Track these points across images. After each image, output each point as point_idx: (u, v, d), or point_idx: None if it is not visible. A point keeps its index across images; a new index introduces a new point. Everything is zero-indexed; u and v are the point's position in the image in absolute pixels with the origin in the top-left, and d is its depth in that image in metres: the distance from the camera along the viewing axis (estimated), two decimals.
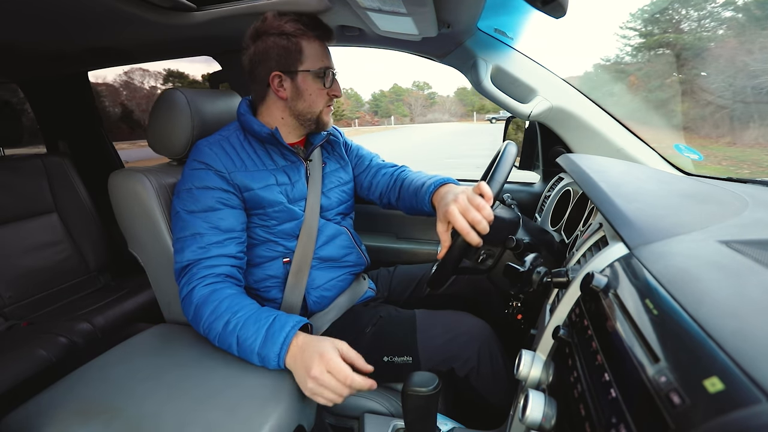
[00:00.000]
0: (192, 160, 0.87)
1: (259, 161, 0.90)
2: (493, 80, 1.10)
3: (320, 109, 0.91)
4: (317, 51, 0.88)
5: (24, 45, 1.26)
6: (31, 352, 1.14)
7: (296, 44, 0.85)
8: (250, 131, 0.90)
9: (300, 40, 0.86)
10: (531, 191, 1.50)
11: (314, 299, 0.94)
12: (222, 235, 0.83)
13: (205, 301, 0.76)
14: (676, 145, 1.08)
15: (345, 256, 1.01)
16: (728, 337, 0.27)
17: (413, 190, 0.98)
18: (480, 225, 0.71)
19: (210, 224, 0.82)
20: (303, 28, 0.85)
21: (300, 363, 0.69)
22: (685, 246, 0.44)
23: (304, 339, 0.71)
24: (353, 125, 44.00)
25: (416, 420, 0.59)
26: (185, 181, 0.85)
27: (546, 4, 0.68)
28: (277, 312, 0.76)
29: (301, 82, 0.88)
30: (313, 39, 0.87)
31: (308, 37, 0.86)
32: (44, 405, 0.67)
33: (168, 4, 0.96)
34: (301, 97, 0.89)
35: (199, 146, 0.88)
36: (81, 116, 1.93)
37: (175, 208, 0.85)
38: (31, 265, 1.48)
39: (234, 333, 0.73)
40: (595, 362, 0.40)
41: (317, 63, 0.88)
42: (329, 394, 0.67)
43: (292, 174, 0.94)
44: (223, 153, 0.87)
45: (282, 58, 0.86)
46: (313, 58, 0.87)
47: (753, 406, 0.22)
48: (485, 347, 0.87)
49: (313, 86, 0.89)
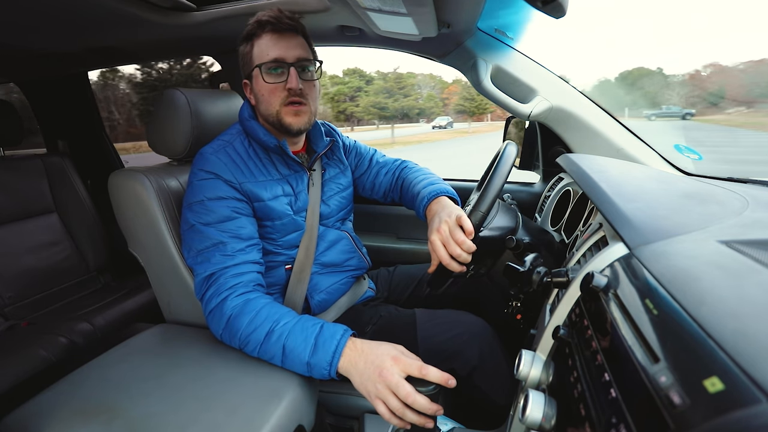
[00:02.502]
0: (198, 170, 0.83)
1: (266, 171, 0.88)
2: (493, 80, 1.10)
3: (276, 108, 0.84)
4: (267, 43, 0.81)
5: (24, 45, 1.26)
6: (31, 352, 1.14)
7: (250, 45, 0.83)
8: (256, 139, 0.88)
9: (253, 40, 0.83)
10: (531, 191, 1.50)
11: (316, 302, 0.94)
12: (244, 243, 0.80)
13: (241, 312, 0.73)
14: (676, 145, 1.08)
15: (347, 260, 1.00)
16: (728, 337, 0.27)
17: (410, 196, 1.00)
18: (460, 258, 0.75)
19: (230, 233, 0.79)
20: (256, 26, 0.82)
21: (363, 366, 0.66)
22: (685, 246, 0.44)
23: (363, 343, 0.69)
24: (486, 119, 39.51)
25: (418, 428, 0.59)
26: (195, 193, 0.81)
27: (546, 4, 0.68)
28: (322, 321, 0.73)
29: (255, 84, 0.85)
30: (260, 35, 0.82)
31: (258, 36, 0.82)
32: (44, 405, 0.67)
33: (168, 4, 0.96)
34: (259, 99, 0.85)
35: (204, 155, 0.84)
36: (81, 116, 1.93)
37: (188, 222, 0.81)
38: (31, 265, 1.48)
39: (279, 343, 0.70)
40: (595, 362, 0.40)
41: (263, 57, 0.81)
42: (394, 401, 0.63)
43: (295, 184, 0.91)
44: (231, 161, 0.84)
45: (244, 63, 0.86)
46: (259, 54, 0.82)
47: (753, 406, 0.22)
48: (486, 346, 0.87)
49: (265, 84, 0.82)
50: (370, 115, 35.50)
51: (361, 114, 36.24)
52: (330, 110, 38.11)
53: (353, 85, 36.43)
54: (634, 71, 55.12)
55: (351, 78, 36.64)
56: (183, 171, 0.99)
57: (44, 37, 1.19)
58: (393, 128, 26.59)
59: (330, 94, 37.84)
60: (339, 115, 37.44)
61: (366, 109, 35.16)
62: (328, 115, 36.96)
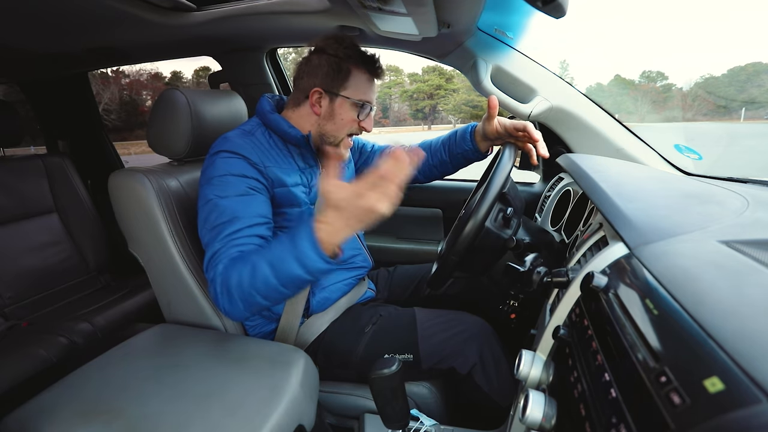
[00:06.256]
0: (222, 151, 0.83)
1: (287, 159, 0.90)
2: (493, 80, 1.10)
3: (343, 136, 0.92)
4: (363, 84, 0.89)
5: (24, 46, 1.26)
6: (31, 352, 1.14)
7: (346, 70, 0.87)
8: (278, 131, 0.89)
9: (351, 67, 0.87)
10: (531, 191, 1.50)
11: (318, 300, 0.95)
12: (257, 219, 0.79)
13: (233, 265, 0.71)
14: (676, 145, 1.08)
15: (353, 257, 1.02)
16: (728, 337, 0.27)
17: (436, 148, 1.13)
18: (539, 144, 0.91)
19: (247, 208, 0.78)
20: (357, 58, 0.87)
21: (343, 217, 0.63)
22: (685, 246, 0.44)
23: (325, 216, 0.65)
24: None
25: (386, 404, 0.59)
26: (218, 168, 0.81)
27: (546, 4, 0.68)
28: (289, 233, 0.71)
29: (337, 106, 0.89)
30: (364, 72, 0.89)
31: (359, 68, 0.88)
32: (44, 405, 0.67)
33: (168, 4, 0.96)
34: (333, 119, 0.90)
35: (228, 137, 0.85)
36: (81, 116, 1.93)
37: (207, 197, 0.80)
38: (31, 265, 1.48)
39: (263, 262, 0.68)
40: (595, 362, 0.40)
41: (359, 94, 0.89)
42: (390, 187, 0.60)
43: (309, 178, 0.94)
44: (254, 146, 0.85)
45: (328, 77, 0.87)
46: (356, 89, 0.88)
47: (753, 406, 0.22)
48: (486, 346, 0.88)
49: (348, 114, 0.89)
50: (462, 114, 33.81)
51: (450, 112, 34.22)
52: (408, 108, 36.77)
53: (433, 83, 35.33)
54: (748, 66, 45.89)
55: (431, 76, 35.26)
56: (183, 171, 0.99)
57: (45, 38, 1.20)
58: None
59: (409, 92, 36.38)
60: (417, 113, 36.04)
61: (457, 107, 32.93)
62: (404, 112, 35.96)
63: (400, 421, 0.60)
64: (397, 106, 40.51)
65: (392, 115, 40.74)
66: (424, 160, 1.15)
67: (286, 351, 0.80)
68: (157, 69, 29.20)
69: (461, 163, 1.11)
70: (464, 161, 1.11)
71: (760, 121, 25.45)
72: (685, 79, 68.82)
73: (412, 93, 36.95)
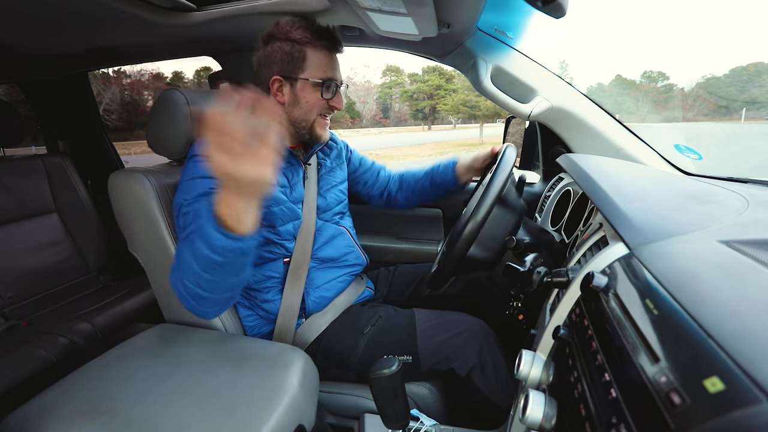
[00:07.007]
0: (194, 155, 0.83)
1: None
2: (493, 80, 1.10)
3: (314, 118, 0.91)
4: (321, 61, 0.87)
5: (24, 46, 1.26)
6: (31, 352, 1.14)
7: (300, 51, 0.85)
8: None
9: (305, 48, 0.86)
10: (531, 191, 1.50)
11: (313, 299, 0.95)
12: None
13: (176, 266, 0.69)
14: (676, 145, 1.08)
15: (344, 255, 1.01)
16: (728, 337, 0.27)
17: (419, 177, 1.19)
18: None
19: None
20: (310, 36, 0.85)
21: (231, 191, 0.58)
22: (685, 246, 0.44)
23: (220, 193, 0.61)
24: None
25: (386, 404, 0.59)
26: (188, 172, 0.80)
27: (546, 4, 0.68)
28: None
29: (299, 90, 0.88)
30: (320, 49, 0.87)
31: (314, 46, 0.86)
32: (45, 405, 0.67)
33: (168, 4, 0.96)
34: (297, 104, 0.89)
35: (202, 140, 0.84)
36: (81, 116, 1.93)
37: (175, 200, 0.79)
38: (31, 266, 1.48)
39: (188, 253, 0.66)
40: (596, 362, 0.40)
41: (319, 73, 0.87)
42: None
43: (290, 176, 0.94)
44: None
45: (285, 63, 0.86)
46: (315, 68, 0.87)
47: (753, 406, 0.22)
48: (485, 346, 0.87)
49: (311, 95, 0.88)
50: (460, 114, 33.45)
51: (449, 112, 33.98)
52: (408, 108, 36.46)
53: (433, 83, 35.10)
54: (750, 67, 45.59)
55: (431, 76, 34.95)
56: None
57: (45, 38, 1.20)
58: (482, 127, 25.48)
59: (409, 92, 36.40)
60: (417, 113, 35.81)
61: (455, 108, 32.59)
62: (404, 113, 35.66)
63: (401, 421, 0.60)
64: (397, 106, 39.73)
65: (393, 115, 40.56)
66: (407, 186, 1.23)
67: (286, 351, 0.80)
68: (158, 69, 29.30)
69: (441, 193, 1.20)
70: (444, 191, 1.20)
71: (761, 121, 25.84)
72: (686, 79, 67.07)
73: (413, 93, 36.68)
